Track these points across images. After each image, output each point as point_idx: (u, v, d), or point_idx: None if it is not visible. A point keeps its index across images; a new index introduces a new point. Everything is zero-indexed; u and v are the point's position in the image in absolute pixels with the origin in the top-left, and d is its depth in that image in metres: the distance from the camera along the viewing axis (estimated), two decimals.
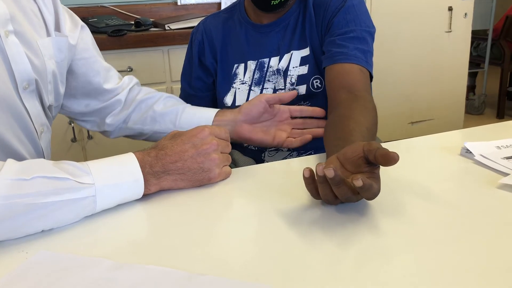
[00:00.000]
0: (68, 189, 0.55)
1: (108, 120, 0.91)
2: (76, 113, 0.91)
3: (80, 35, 0.84)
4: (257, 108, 0.88)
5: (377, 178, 0.57)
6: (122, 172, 0.60)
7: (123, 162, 0.62)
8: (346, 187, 0.54)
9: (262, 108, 0.88)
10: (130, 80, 0.94)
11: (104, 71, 0.89)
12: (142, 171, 0.62)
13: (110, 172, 0.59)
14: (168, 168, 0.64)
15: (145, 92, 0.94)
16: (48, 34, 0.77)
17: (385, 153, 0.53)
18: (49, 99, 0.77)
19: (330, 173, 0.51)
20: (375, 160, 0.54)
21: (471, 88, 3.68)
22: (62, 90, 0.82)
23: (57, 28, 0.80)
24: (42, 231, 0.56)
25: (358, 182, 0.51)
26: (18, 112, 0.70)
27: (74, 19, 0.85)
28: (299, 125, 0.91)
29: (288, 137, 0.90)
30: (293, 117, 0.92)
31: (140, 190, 0.62)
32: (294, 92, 0.89)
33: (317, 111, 0.90)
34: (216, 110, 0.91)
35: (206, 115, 0.90)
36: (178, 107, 0.91)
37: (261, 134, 0.89)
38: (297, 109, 0.91)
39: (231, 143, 0.75)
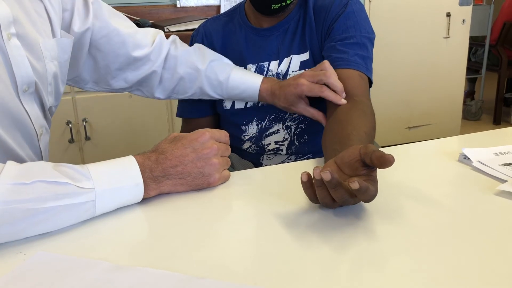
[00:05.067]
0: (68, 194, 0.55)
1: (157, 93, 0.97)
2: (118, 89, 0.93)
3: (93, 14, 0.83)
4: (293, 99, 0.89)
5: (374, 181, 0.57)
6: (122, 176, 0.60)
7: (124, 166, 0.61)
8: (343, 190, 0.54)
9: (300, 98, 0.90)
10: (161, 46, 0.93)
11: (129, 38, 0.88)
12: (142, 176, 0.62)
13: (110, 176, 0.59)
14: (168, 172, 0.64)
15: (184, 63, 0.94)
16: (54, 35, 0.76)
17: (380, 155, 0.54)
18: (49, 101, 0.77)
19: (327, 176, 0.52)
20: (371, 162, 0.55)
21: (470, 94, 3.69)
22: (62, 89, 0.82)
23: (66, 27, 0.80)
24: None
25: (355, 185, 0.51)
26: (19, 115, 0.70)
27: (85, 1, 0.83)
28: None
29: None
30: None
31: (139, 195, 0.62)
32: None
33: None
34: (258, 86, 0.93)
35: (250, 90, 0.94)
36: (222, 82, 0.94)
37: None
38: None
39: (230, 146, 0.75)
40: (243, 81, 0.94)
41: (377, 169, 0.58)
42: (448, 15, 2.69)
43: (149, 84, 0.95)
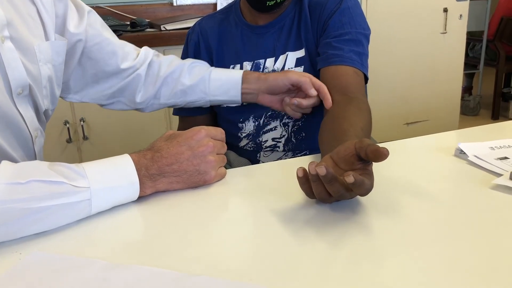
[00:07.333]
0: (64, 193, 0.55)
1: (138, 98, 0.94)
2: (101, 98, 0.92)
3: (88, 22, 0.84)
4: (280, 89, 0.91)
5: (369, 174, 0.58)
6: (118, 175, 0.60)
7: (119, 165, 0.61)
8: (338, 184, 0.54)
9: (285, 89, 0.91)
10: (146, 55, 0.94)
11: (119, 50, 0.90)
12: (138, 174, 0.62)
13: (106, 175, 0.59)
14: (164, 170, 0.64)
15: (166, 66, 0.95)
16: (47, 38, 0.76)
17: (375, 149, 0.54)
18: (44, 104, 0.77)
19: (322, 171, 0.52)
20: (366, 156, 0.55)
21: (468, 89, 3.69)
22: (58, 93, 0.81)
23: (60, 30, 0.80)
24: None
25: (350, 179, 0.51)
26: (13, 118, 0.70)
27: (79, 9, 0.84)
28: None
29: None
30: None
31: (135, 193, 0.62)
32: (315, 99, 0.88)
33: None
34: (241, 74, 0.93)
35: (232, 80, 0.93)
36: (204, 76, 0.94)
37: (278, 104, 0.94)
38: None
39: (226, 143, 0.75)
40: (225, 73, 0.95)
41: (373, 163, 0.58)
42: (445, 10, 2.69)
43: (131, 89, 0.93)
